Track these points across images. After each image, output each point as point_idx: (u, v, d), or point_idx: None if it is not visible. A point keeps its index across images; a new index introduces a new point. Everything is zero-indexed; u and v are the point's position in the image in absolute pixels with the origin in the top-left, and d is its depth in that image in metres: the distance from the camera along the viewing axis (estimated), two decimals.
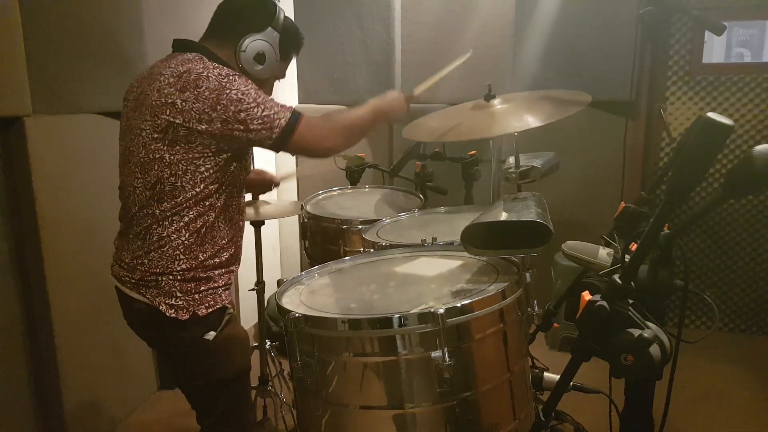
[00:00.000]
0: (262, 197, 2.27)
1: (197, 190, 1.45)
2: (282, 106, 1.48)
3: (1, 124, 2.04)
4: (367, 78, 3.41)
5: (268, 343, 2.35)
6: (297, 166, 3.41)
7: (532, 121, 1.75)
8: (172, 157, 1.43)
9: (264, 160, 3.47)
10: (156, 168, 1.44)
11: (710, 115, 0.78)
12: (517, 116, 1.85)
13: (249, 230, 2.29)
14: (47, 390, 2.24)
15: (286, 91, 3.67)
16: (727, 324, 3.35)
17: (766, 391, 2.72)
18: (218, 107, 1.39)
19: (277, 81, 1.72)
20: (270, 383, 2.34)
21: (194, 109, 1.40)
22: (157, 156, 1.44)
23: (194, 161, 1.44)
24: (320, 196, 2.46)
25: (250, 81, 1.46)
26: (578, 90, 1.99)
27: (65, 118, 2.20)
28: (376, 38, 3.34)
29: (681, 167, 0.81)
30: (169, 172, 1.44)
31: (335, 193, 2.52)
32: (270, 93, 1.69)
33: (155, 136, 1.43)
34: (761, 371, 2.89)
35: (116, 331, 2.40)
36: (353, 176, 2.61)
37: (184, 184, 1.44)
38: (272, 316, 3.04)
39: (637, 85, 3.06)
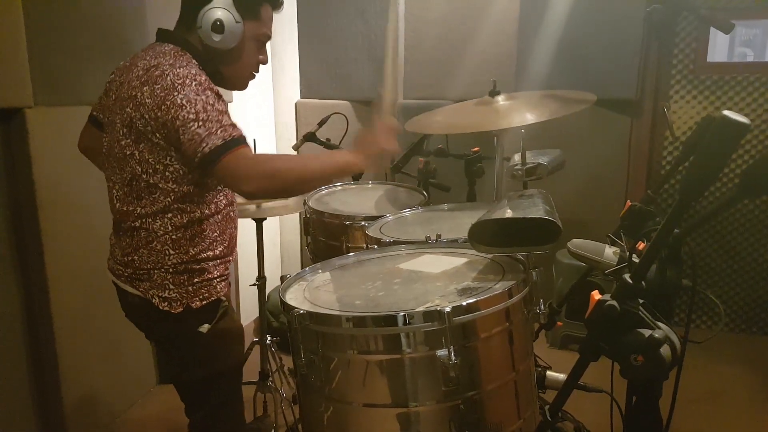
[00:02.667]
0: None
1: (173, 187, 1.41)
2: (224, 129, 1.32)
3: (2, 115, 2.03)
4: (370, 74, 3.39)
5: (269, 338, 2.34)
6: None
7: (536, 116, 1.75)
8: (141, 155, 1.40)
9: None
10: (129, 165, 1.41)
11: (726, 113, 0.77)
12: (521, 112, 1.84)
13: (250, 226, 2.28)
14: (47, 384, 2.24)
15: (289, 87, 3.66)
16: (728, 324, 3.35)
17: (767, 391, 2.72)
18: (163, 107, 1.33)
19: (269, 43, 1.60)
20: (270, 379, 2.33)
21: (146, 104, 1.35)
22: (128, 153, 1.41)
23: (161, 160, 1.39)
24: (323, 192, 2.45)
25: (209, 90, 1.35)
26: (583, 88, 1.98)
27: (66, 110, 2.18)
28: (379, 34, 3.32)
29: (695, 166, 0.80)
30: (140, 169, 1.40)
31: (338, 188, 2.50)
32: (264, 58, 1.57)
33: (124, 131, 1.41)
34: (765, 371, 2.88)
35: (115, 326, 2.38)
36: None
37: (157, 182, 1.41)
38: (272, 311, 3.03)
39: (642, 84, 3.04)
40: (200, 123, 1.31)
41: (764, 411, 2.56)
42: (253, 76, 1.60)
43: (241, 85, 1.60)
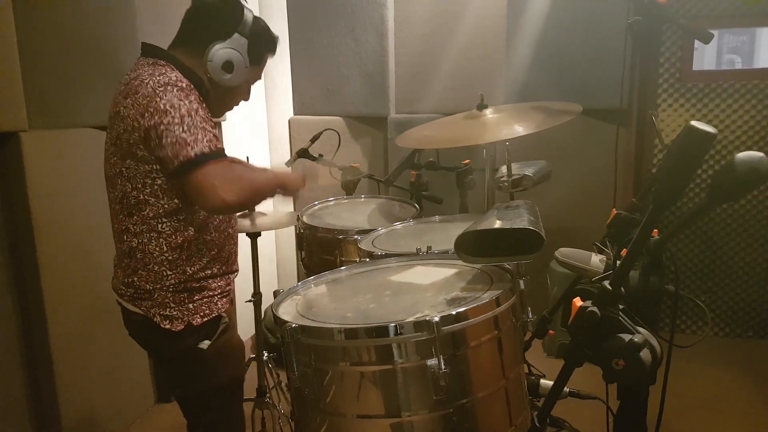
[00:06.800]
0: (257, 208, 2.27)
1: (161, 203, 1.43)
2: (209, 139, 1.36)
3: None
4: (361, 89, 3.44)
5: (266, 354, 2.35)
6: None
7: (522, 128, 1.78)
8: (128, 171, 1.42)
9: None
10: (119, 182, 1.44)
11: (693, 123, 0.80)
12: (508, 125, 1.87)
13: (245, 242, 2.30)
14: (45, 405, 2.24)
15: (282, 104, 3.70)
16: (723, 328, 3.36)
17: (762, 395, 2.73)
18: (146, 114, 1.34)
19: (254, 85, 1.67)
20: (268, 395, 2.34)
21: (129, 116, 1.37)
22: (117, 170, 1.43)
23: (148, 174, 1.40)
24: (316, 207, 2.47)
25: (191, 98, 1.38)
26: (569, 98, 2.02)
27: (61, 132, 2.21)
28: (369, 50, 3.38)
29: (666, 174, 0.83)
30: (130, 186, 1.42)
31: (331, 203, 2.53)
32: (247, 97, 1.65)
33: (112, 149, 1.43)
34: (757, 375, 2.90)
35: (113, 346, 2.40)
36: (349, 186, 2.63)
37: (146, 197, 1.42)
38: (269, 327, 3.03)
39: (627, 93, 3.09)
40: (185, 128, 1.33)
41: (759, 415, 2.57)
42: (231, 109, 1.67)
43: (219, 114, 1.65)
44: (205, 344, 1.50)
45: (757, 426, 2.50)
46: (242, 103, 1.67)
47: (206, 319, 1.52)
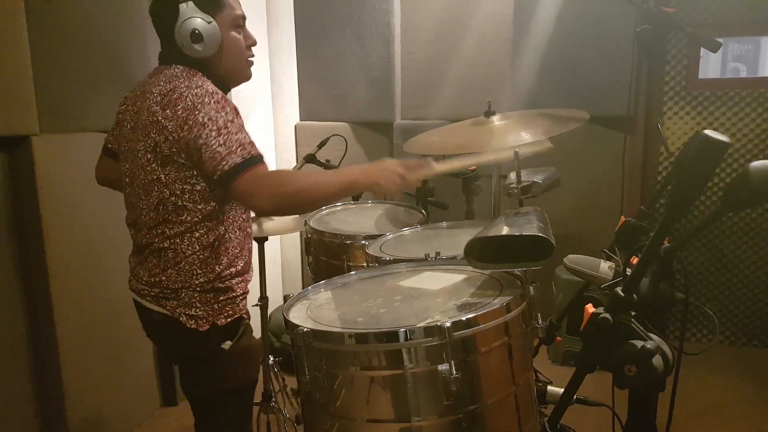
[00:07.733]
0: None
1: (200, 207, 1.46)
2: (243, 147, 1.37)
3: (8, 142, 2.07)
4: (366, 95, 3.45)
5: (271, 358, 2.35)
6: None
7: (530, 135, 1.79)
8: (167, 177, 1.43)
9: None
10: (156, 189, 1.45)
11: (707, 132, 0.81)
12: (515, 132, 1.88)
13: (252, 246, 2.31)
14: (51, 406, 2.25)
15: (288, 110, 3.72)
16: (729, 337, 3.36)
17: (767, 403, 2.72)
18: (185, 126, 1.37)
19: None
20: (273, 399, 2.34)
21: (169, 127, 1.39)
22: (154, 177, 1.45)
23: (188, 180, 1.43)
24: (323, 212, 2.48)
25: (227, 107, 1.39)
26: (576, 105, 2.03)
27: (72, 136, 2.23)
28: (375, 56, 3.40)
29: (679, 183, 0.84)
30: (168, 192, 1.44)
31: (338, 208, 2.54)
32: (251, 40, 1.58)
33: (148, 156, 1.44)
34: (763, 384, 2.89)
35: (119, 348, 2.41)
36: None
37: (184, 203, 1.45)
38: (274, 331, 3.04)
39: (634, 101, 3.10)
40: (221, 141, 1.36)
41: (765, 423, 2.57)
42: (252, 62, 1.61)
43: (245, 76, 1.61)
44: (227, 345, 1.51)
45: None
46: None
47: (230, 319, 1.53)
